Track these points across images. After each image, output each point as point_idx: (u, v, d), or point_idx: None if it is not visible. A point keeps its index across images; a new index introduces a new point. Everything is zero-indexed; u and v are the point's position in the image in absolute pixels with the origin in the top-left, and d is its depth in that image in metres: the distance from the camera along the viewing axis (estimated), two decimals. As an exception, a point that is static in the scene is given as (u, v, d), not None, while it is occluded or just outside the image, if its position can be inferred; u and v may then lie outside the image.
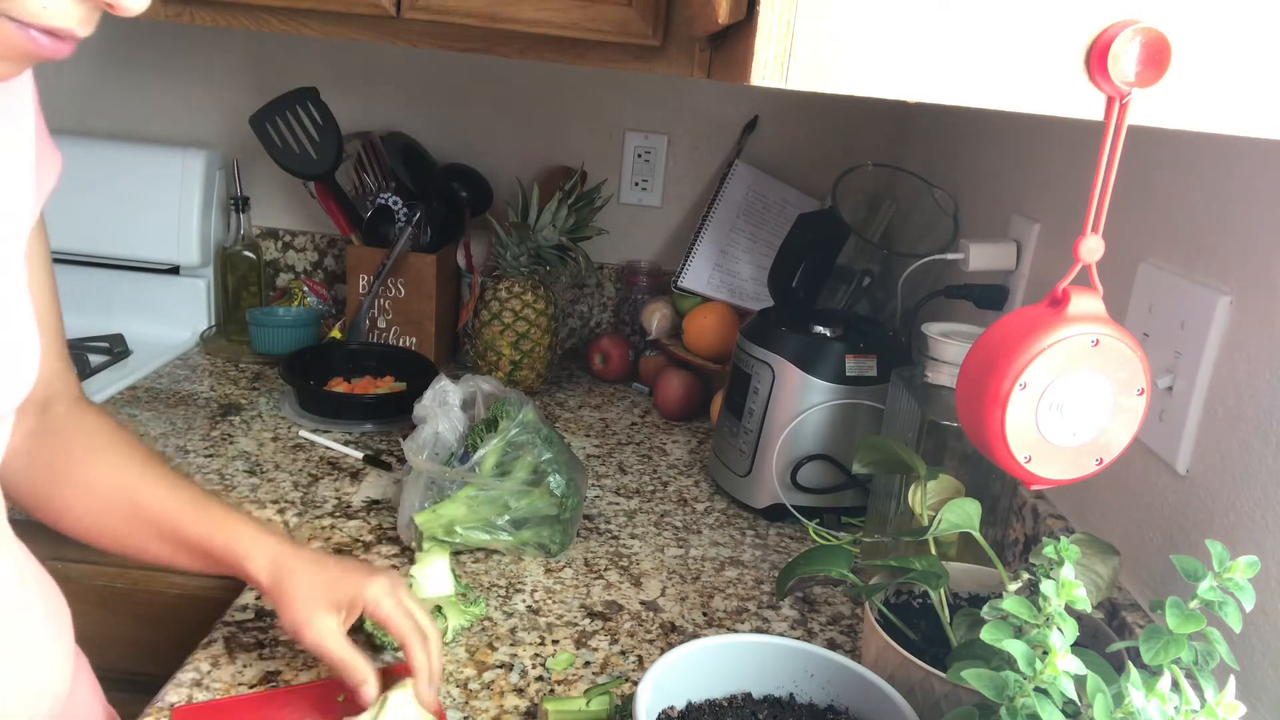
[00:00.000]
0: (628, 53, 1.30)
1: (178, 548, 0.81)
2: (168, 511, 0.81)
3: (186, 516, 0.81)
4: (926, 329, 1.01)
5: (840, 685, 0.77)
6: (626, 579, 1.09)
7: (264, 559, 0.80)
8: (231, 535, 0.80)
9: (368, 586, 0.80)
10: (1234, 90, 0.47)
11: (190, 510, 0.81)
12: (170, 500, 0.81)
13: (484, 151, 1.78)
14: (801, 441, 1.22)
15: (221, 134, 1.75)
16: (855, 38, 0.45)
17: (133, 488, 0.81)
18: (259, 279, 1.71)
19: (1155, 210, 0.89)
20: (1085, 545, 0.75)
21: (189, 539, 0.81)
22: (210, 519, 0.81)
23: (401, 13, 1.27)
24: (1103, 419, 0.58)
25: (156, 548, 0.82)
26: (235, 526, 0.81)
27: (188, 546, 0.81)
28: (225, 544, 0.80)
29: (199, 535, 0.80)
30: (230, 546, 0.80)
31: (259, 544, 0.81)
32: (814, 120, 1.76)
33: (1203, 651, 0.63)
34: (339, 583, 0.80)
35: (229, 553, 0.80)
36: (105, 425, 0.83)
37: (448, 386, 1.17)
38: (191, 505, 0.81)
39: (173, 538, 0.81)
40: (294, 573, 0.80)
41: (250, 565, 0.80)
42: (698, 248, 1.69)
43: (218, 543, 0.80)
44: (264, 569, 0.80)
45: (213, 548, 0.80)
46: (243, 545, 0.80)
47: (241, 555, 0.80)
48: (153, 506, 0.80)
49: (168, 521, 0.80)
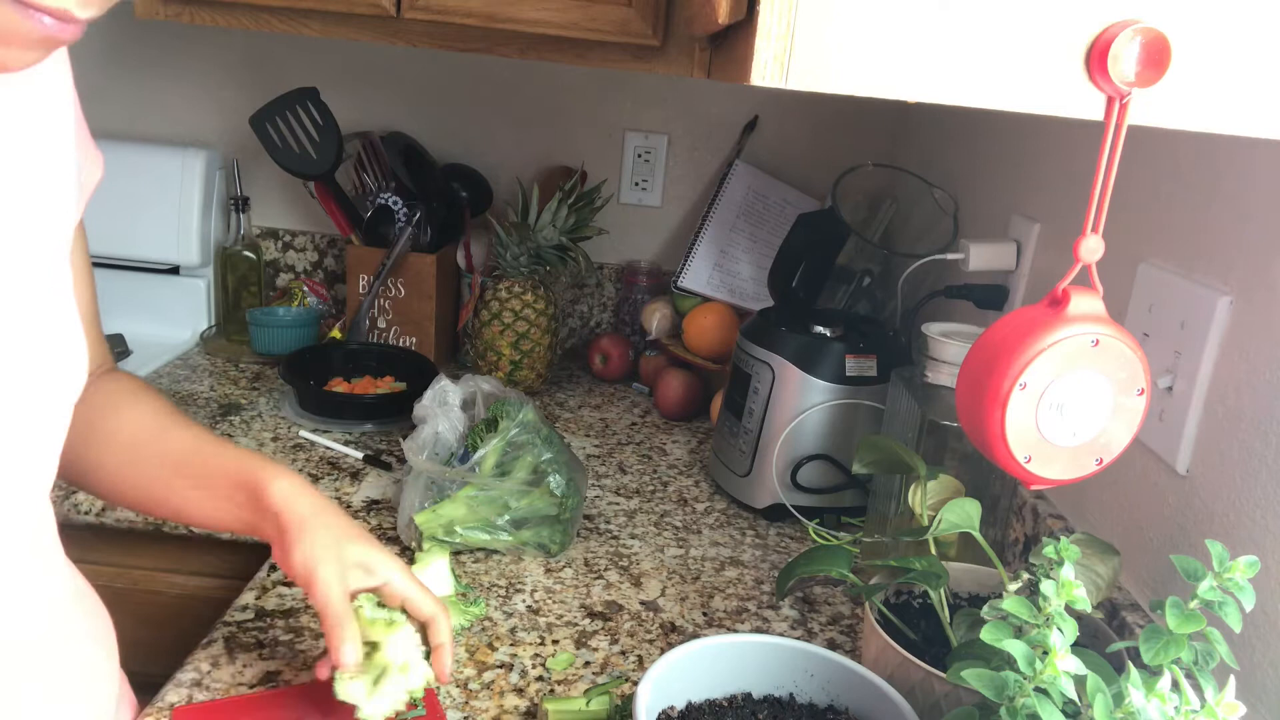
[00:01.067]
0: (628, 53, 1.30)
1: (200, 486, 0.80)
2: (189, 451, 0.80)
3: (208, 453, 0.80)
4: (926, 329, 1.01)
5: (840, 685, 0.77)
6: (626, 579, 1.09)
7: (285, 488, 0.78)
8: (253, 466, 0.79)
9: (391, 559, 0.79)
10: (1234, 90, 0.47)
11: (211, 448, 0.81)
12: (192, 441, 0.81)
13: (484, 151, 1.78)
14: (801, 441, 1.22)
15: (221, 134, 1.75)
16: (855, 38, 0.45)
17: (156, 433, 0.81)
18: (259, 279, 1.71)
19: (1155, 210, 0.89)
20: (1085, 545, 0.75)
21: (212, 474, 0.80)
22: (232, 454, 0.81)
23: (401, 13, 1.27)
24: (1103, 419, 0.58)
25: (181, 491, 0.81)
26: (256, 459, 0.81)
27: (210, 483, 0.80)
28: (247, 474, 0.79)
29: (221, 468, 0.80)
30: (252, 476, 0.79)
31: (280, 474, 0.79)
32: (814, 120, 1.76)
33: (1203, 651, 0.63)
34: (360, 542, 0.79)
35: (250, 482, 0.79)
36: (129, 383, 0.84)
37: (448, 386, 1.17)
38: (213, 444, 0.82)
39: (195, 475, 0.80)
40: (318, 514, 0.78)
41: (270, 492, 0.78)
42: (698, 248, 1.69)
43: (240, 474, 0.79)
44: (283, 498, 0.78)
45: (235, 479, 0.79)
46: (265, 474, 0.79)
47: (263, 483, 0.78)
48: (175, 448, 0.81)
49: (190, 460, 0.80)
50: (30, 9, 0.49)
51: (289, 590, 0.99)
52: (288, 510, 0.77)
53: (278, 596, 0.98)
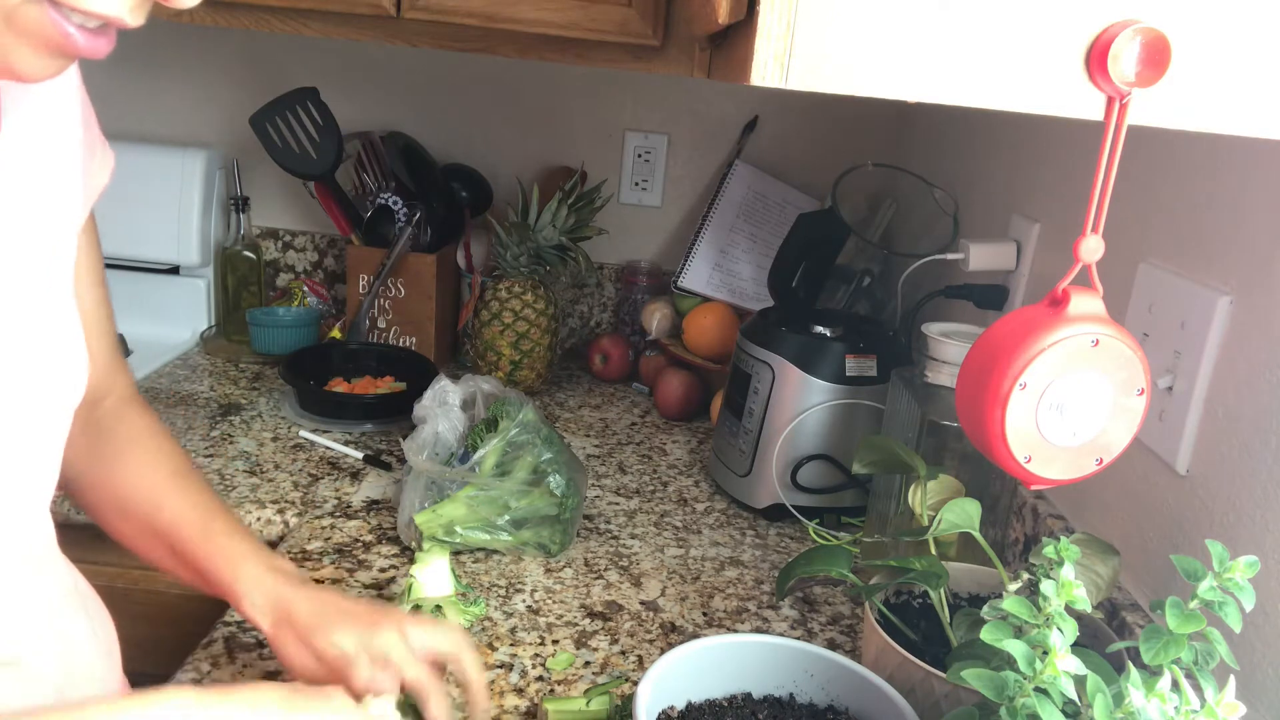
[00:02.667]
0: (628, 53, 1.30)
1: (183, 567, 0.79)
2: (176, 529, 0.78)
3: (193, 539, 0.78)
4: (926, 329, 1.01)
5: (840, 685, 0.77)
6: (626, 579, 1.09)
7: (259, 598, 0.76)
8: (228, 573, 0.77)
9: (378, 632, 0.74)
10: (1234, 90, 0.47)
11: (197, 533, 0.78)
12: (182, 519, 0.79)
13: (484, 151, 1.78)
14: (801, 441, 1.22)
15: (221, 134, 1.75)
16: (855, 38, 0.45)
17: (155, 497, 0.79)
18: (259, 279, 1.71)
19: (1155, 210, 0.89)
20: (1085, 545, 0.75)
21: (192, 561, 0.78)
22: (214, 546, 0.78)
23: (401, 13, 1.27)
24: (1103, 419, 0.58)
25: (167, 562, 0.80)
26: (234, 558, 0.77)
27: (191, 568, 0.79)
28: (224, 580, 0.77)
29: (203, 560, 0.78)
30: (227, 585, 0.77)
31: (256, 583, 0.76)
32: (814, 120, 1.76)
33: (1203, 651, 0.63)
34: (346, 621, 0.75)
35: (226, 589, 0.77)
36: (145, 427, 0.82)
37: (448, 386, 1.17)
38: (199, 529, 0.78)
39: (178, 556, 0.79)
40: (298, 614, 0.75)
41: (243, 607, 0.76)
42: (698, 248, 1.69)
43: (218, 577, 0.77)
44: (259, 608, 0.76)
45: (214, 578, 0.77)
46: (238, 587, 0.76)
47: (237, 596, 0.76)
48: (168, 521, 0.79)
49: (176, 538, 0.78)
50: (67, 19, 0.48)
51: (289, 590, 0.99)
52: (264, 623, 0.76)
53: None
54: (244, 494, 1.19)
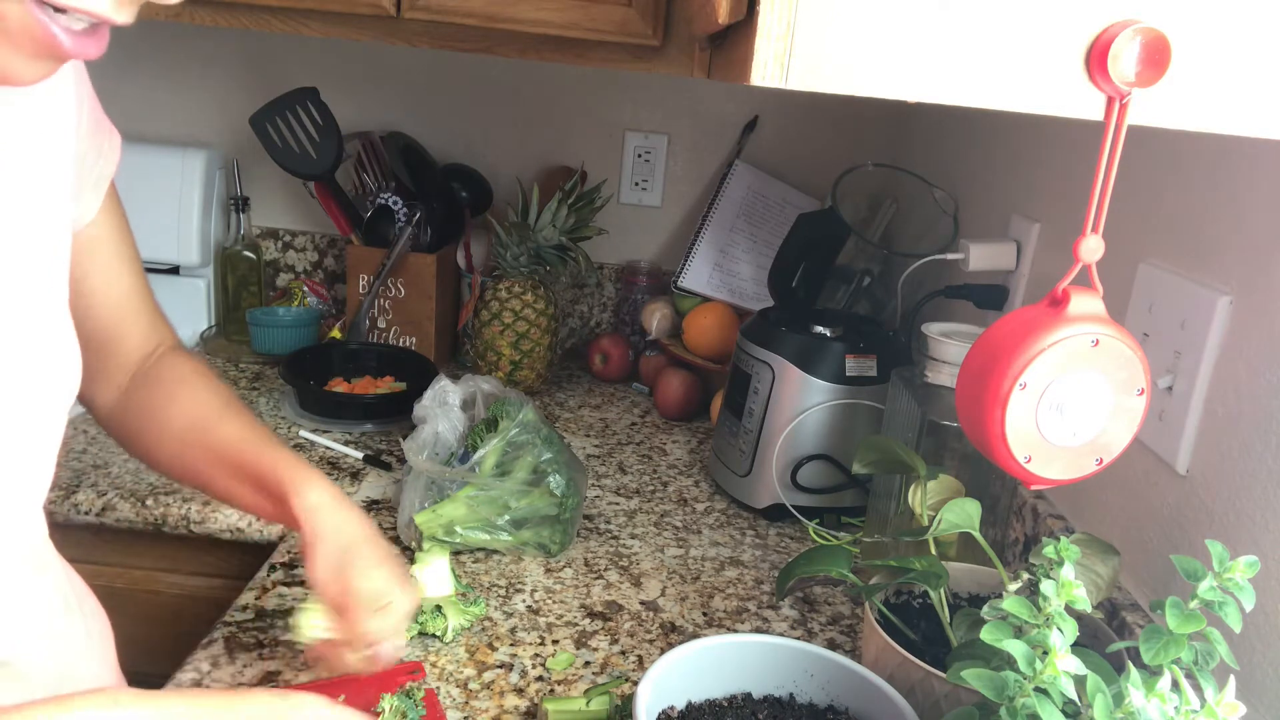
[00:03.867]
0: (628, 53, 1.30)
1: (243, 482, 0.83)
2: (232, 447, 0.82)
3: (249, 451, 0.82)
4: (926, 329, 1.01)
5: (840, 685, 0.77)
6: (626, 579, 1.09)
7: (311, 501, 0.79)
8: (286, 472, 0.81)
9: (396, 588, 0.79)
10: (1234, 90, 0.47)
11: (253, 446, 0.82)
12: (235, 437, 0.83)
13: (484, 151, 1.78)
14: (801, 441, 1.22)
15: (221, 134, 1.75)
16: (855, 37, 0.45)
17: (207, 424, 0.83)
18: (259, 279, 1.71)
19: (1155, 210, 0.89)
20: (1085, 545, 0.75)
21: (250, 473, 0.82)
22: (270, 455, 0.82)
23: (401, 13, 1.27)
24: (1103, 419, 0.58)
25: (226, 483, 0.84)
26: (291, 464, 0.82)
27: (249, 481, 0.82)
28: (280, 479, 0.80)
29: (258, 469, 0.81)
30: (283, 483, 0.80)
31: (307, 486, 0.80)
32: (814, 120, 1.76)
33: (1203, 651, 0.63)
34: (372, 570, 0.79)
35: (281, 489, 0.80)
36: (193, 369, 0.86)
37: (448, 386, 1.17)
38: (254, 441, 0.83)
39: (237, 472, 0.82)
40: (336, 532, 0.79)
41: (296, 504, 0.79)
42: (698, 248, 1.69)
43: (275, 478, 0.81)
44: (307, 512, 0.79)
45: (269, 482, 0.81)
46: (294, 483, 0.80)
47: (291, 493, 0.79)
48: (222, 441, 0.83)
49: (232, 457, 0.82)
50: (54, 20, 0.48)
51: (289, 590, 0.99)
52: (309, 524, 0.79)
53: (278, 596, 0.98)
54: (244, 494, 1.19)
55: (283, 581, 1.01)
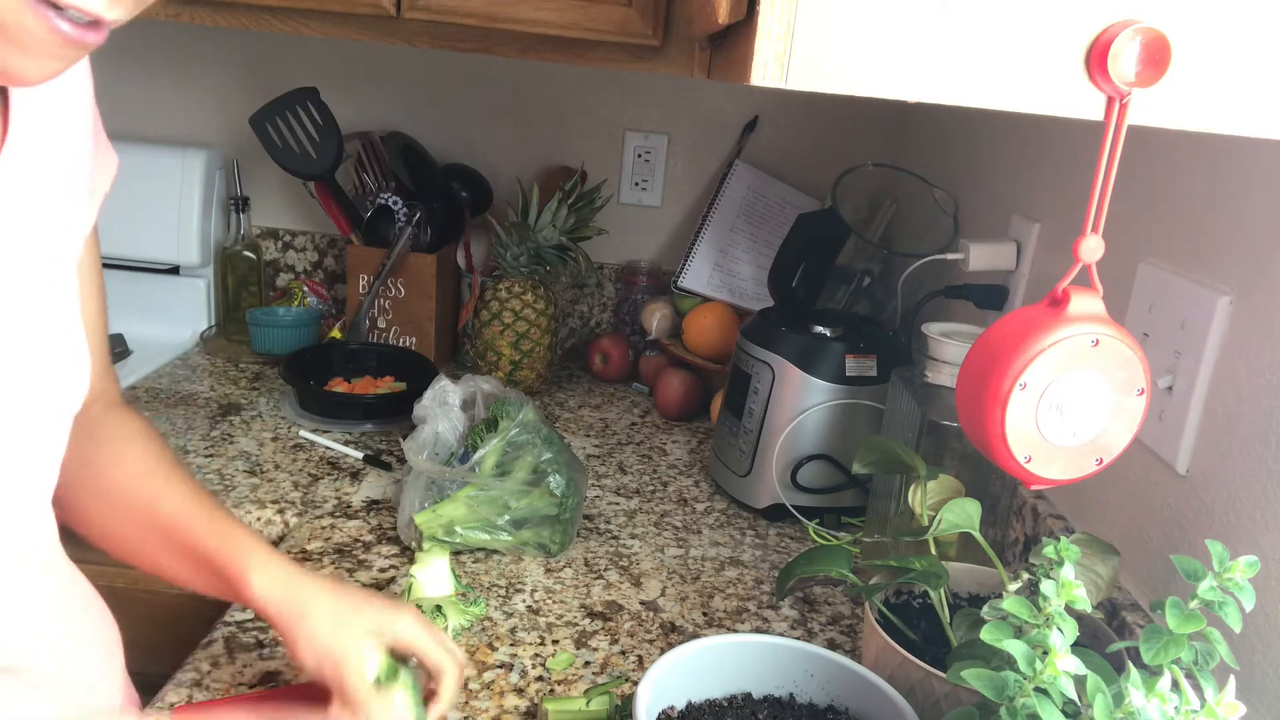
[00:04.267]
0: (628, 53, 1.30)
1: (184, 560, 0.77)
2: (179, 520, 0.77)
3: (193, 527, 0.76)
4: (926, 329, 1.01)
5: (840, 685, 0.77)
6: (626, 579, 1.09)
7: (263, 584, 0.74)
8: (233, 555, 0.75)
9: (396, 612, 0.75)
10: (1234, 90, 0.47)
11: (197, 522, 0.77)
12: (184, 510, 0.77)
13: (484, 151, 1.78)
14: (801, 441, 1.22)
15: (221, 134, 1.75)
16: (855, 37, 0.45)
17: (149, 494, 0.78)
18: (259, 279, 1.71)
19: (1155, 210, 0.89)
20: (1085, 545, 0.75)
21: (195, 552, 0.76)
22: (216, 532, 0.76)
23: (401, 13, 1.27)
24: (1103, 419, 0.58)
25: (165, 558, 0.78)
26: (237, 542, 0.76)
27: (194, 559, 0.77)
28: (228, 564, 0.75)
29: (204, 548, 0.76)
30: (231, 567, 0.75)
31: (256, 566, 0.74)
32: (814, 120, 1.76)
33: (1203, 651, 0.63)
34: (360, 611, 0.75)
35: (231, 574, 0.75)
36: (135, 430, 0.80)
37: (448, 386, 1.17)
38: (199, 516, 0.77)
39: (181, 548, 0.77)
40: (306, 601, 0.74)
41: (249, 591, 0.74)
42: (698, 248, 1.69)
43: (221, 561, 0.75)
44: (263, 596, 0.74)
45: (216, 564, 0.75)
46: (242, 565, 0.74)
47: (241, 578, 0.74)
48: (165, 514, 0.77)
49: (178, 530, 0.77)
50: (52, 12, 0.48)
51: (289, 590, 0.99)
52: (272, 609, 0.74)
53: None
54: (244, 494, 1.19)
55: (283, 581, 1.00)
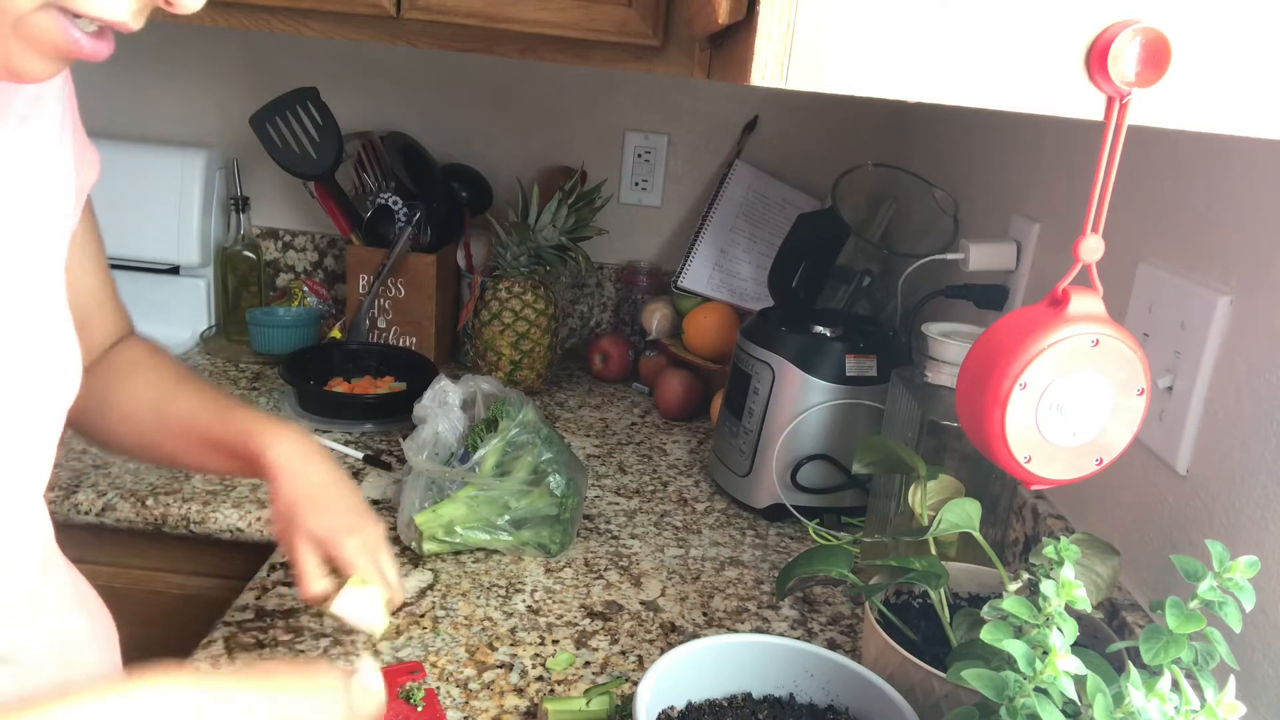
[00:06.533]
0: (628, 53, 1.30)
1: (209, 450, 0.84)
2: (196, 418, 0.84)
3: (209, 419, 0.84)
4: (926, 329, 1.01)
5: (840, 685, 0.77)
6: (626, 579, 1.09)
7: (284, 448, 0.82)
8: (249, 431, 0.83)
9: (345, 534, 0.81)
10: (1234, 90, 0.47)
11: (211, 413, 0.84)
12: (198, 408, 0.84)
13: (484, 151, 1.77)
14: (801, 441, 1.22)
15: (221, 134, 1.75)
16: (855, 38, 0.45)
17: (165, 401, 0.84)
18: (259, 279, 1.71)
19: (1155, 210, 0.89)
20: (1085, 545, 0.75)
21: (215, 440, 0.83)
22: (231, 418, 0.84)
23: (401, 13, 1.27)
24: (1103, 419, 0.58)
25: (191, 453, 0.85)
26: (252, 422, 0.84)
27: (217, 446, 0.84)
28: (246, 441, 0.82)
29: (223, 433, 0.83)
30: (250, 443, 0.82)
31: (282, 437, 0.83)
32: (814, 120, 1.76)
33: (1203, 651, 0.63)
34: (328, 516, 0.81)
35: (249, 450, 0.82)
36: (140, 350, 0.87)
37: (448, 386, 1.17)
38: (213, 408, 0.84)
39: (201, 440, 0.84)
40: (304, 475, 0.82)
41: (269, 454, 0.81)
42: (698, 248, 1.69)
43: (240, 440, 0.82)
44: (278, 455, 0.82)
45: (235, 445, 0.83)
46: (260, 441, 0.82)
47: (259, 451, 0.82)
48: (182, 415, 0.84)
49: (197, 427, 0.83)
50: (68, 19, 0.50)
51: (289, 590, 0.99)
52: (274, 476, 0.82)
53: (278, 596, 0.98)
54: (244, 494, 1.19)
55: (283, 581, 1.01)
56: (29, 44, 0.50)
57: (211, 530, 1.15)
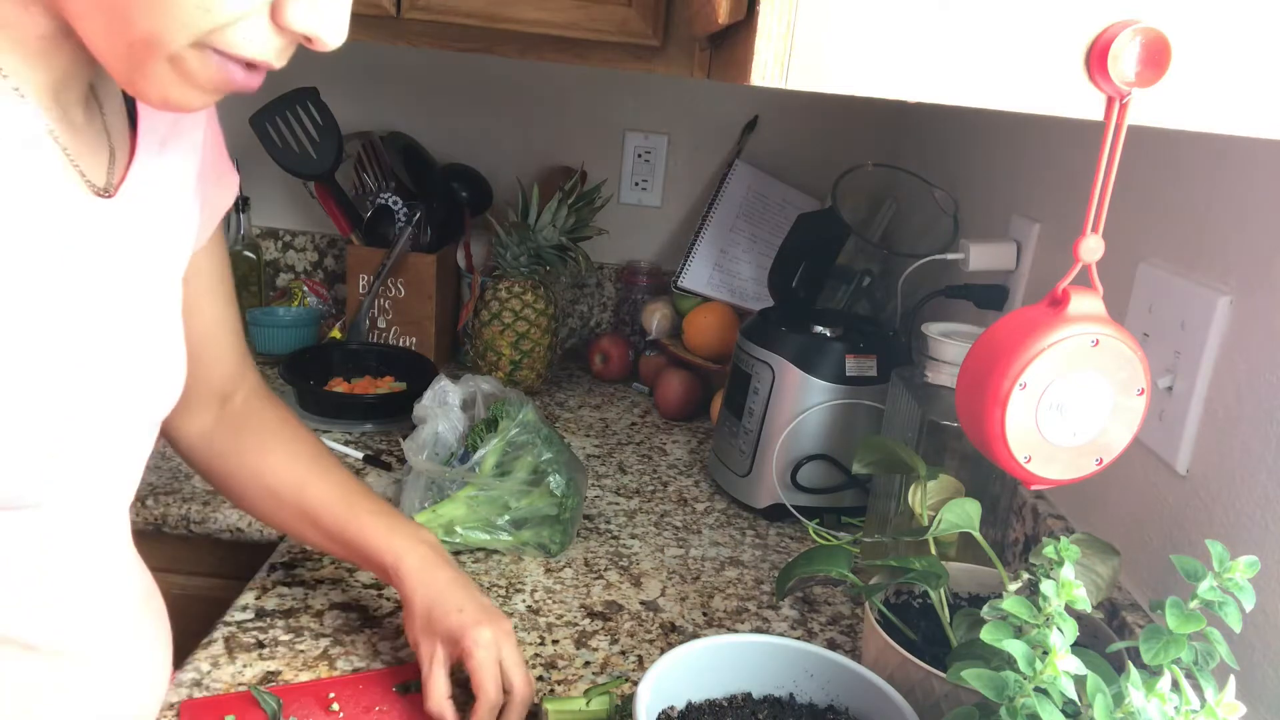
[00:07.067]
0: (628, 53, 1.30)
1: (336, 543, 0.87)
2: (329, 510, 0.86)
3: (341, 515, 0.86)
4: (926, 329, 1.01)
5: (840, 685, 0.77)
6: (626, 579, 1.09)
7: (411, 563, 0.84)
8: (380, 542, 0.85)
9: (474, 629, 0.81)
10: (1234, 90, 0.47)
11: (344, 509, 0.86)
12: (332, 500, 0.87)
13: (484, 151, 1.78)
14: (801, 441, 1.22)
15: (221, 134, 1.75)
16: (855, 38, 0.45)
17: (300, 484, 0.87)
18: (259, 279, 1.70)
19: (1155, 210, 0.89)
20: (1085, 545, 0.75)
21: (345, 538, 0.86)
22: (363, 520, 0.86)
23: (401, 13, 1.27)
24: (1103, 419, 0.58)
25: (319, 542, 0.89)
26: (384, 530, 0.86)
27: (344, 545, 0.87)
28: (375, 549, 0.85)
29: (354, 535, 0.86)
30: (380, 553, 0.85)
31: (409, 551, 0.85)
32: (814, 120, 1.76)
33: (1203, 651, 0.63)
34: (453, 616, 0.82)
35: (378, 559, 0.85)
36: (279, 418, 0.90)
37: (448, 386, 1.17)
38: (346, 504, 0.87)
39: (330, 534, 0.87)
40: (427, 585, 0.83)
41: (399, 571, 0.84)
42: (698, 248, 1.69)
43: (369, 547, 0.85)
44: (407, 572, 0.84)
45: (365, 550, 0.86)
46: (391, 553, 0.84)
47: (390, 564, 0.84)
48: (316, 504, 0.87)
49: (328, 519, 0.86)
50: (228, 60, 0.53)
51: (289, 590, 0.99)
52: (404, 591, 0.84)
53: (278, 596, 0.98)
54: (244, 494, 1.19)
55: (282, 581, 1.01)
56: (184, 78, 0.53)
57: (211, 530, 1.15)
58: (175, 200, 0.70)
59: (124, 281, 0.64)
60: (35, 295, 0.57)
